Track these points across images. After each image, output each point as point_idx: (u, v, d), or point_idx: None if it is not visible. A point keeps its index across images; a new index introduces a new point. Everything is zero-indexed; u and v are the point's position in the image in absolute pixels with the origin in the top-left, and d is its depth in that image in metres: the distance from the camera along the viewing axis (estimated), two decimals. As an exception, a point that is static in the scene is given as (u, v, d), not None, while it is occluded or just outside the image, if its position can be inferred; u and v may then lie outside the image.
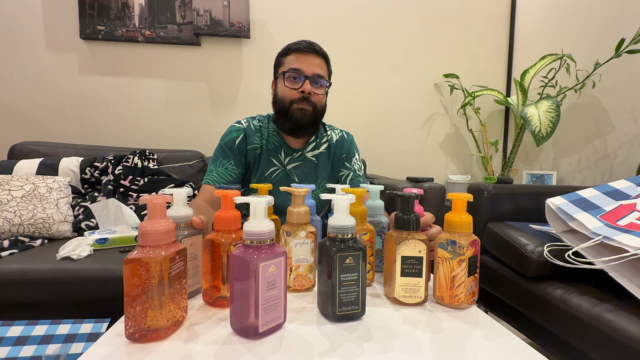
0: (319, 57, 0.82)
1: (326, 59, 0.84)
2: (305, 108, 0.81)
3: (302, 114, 0.81)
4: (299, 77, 0.80)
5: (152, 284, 0.37)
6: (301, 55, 0.80)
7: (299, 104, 0.80)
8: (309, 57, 0.80)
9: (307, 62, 0.80)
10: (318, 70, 0.81)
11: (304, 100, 0.80)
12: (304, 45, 0.80)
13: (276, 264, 0.39)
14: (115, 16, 1.56)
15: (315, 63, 0.81)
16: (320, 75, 0.81)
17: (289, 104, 0.81)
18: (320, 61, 0.82)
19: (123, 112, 1.64)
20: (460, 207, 0.48)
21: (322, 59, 0.83)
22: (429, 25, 1.78)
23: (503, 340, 0.40)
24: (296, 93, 0.80)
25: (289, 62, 0.81)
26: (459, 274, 0.47)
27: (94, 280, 0.85)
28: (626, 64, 1.33)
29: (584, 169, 1.51)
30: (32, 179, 1.12)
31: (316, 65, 0.81)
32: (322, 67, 0.83)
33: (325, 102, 0.86)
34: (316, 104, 0.82)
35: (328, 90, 0.86)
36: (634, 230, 0.69)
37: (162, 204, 0.39)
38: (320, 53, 0.82)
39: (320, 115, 0.85)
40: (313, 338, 0.39)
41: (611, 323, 0.63)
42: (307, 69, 0.80)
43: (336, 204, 0.44)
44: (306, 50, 0.80)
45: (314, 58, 0.81)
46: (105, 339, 0.38)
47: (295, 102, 0.80)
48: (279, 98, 0.83)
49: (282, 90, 0.82)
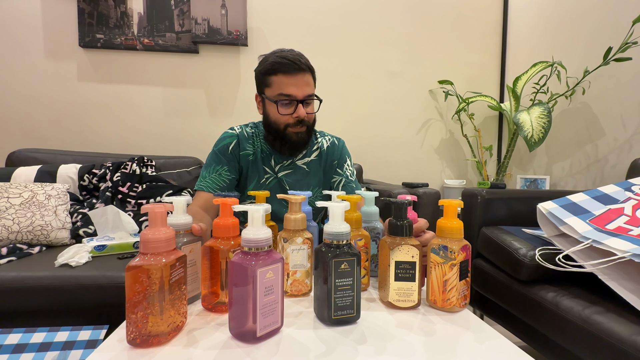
0: (306, 73, 0.79)
1: (311, 70, 0.81)
2: (300, 130, 0.81)
3: (299, 137, 0.81)
4: (292, 102, 0.78)
5: (153, 291, 0.38)
6: (289, 76, 0.77)
7: (294, 128, 0.80)
8: (297, 77, 0.77)
9: (296, 84, 0.77)
10: (308, 90, 0.79)
11: (299, 124, 0.80)
12: (290, 63, 0.76)
13: (273, 270, 0.40)
14: (114, 24, 1.58)
15: (304, 82, 0.78)
16: (311, 94, 0.80)
17: (284, 128, 0.80)
18: (307, 77, 0.79)
19: (122, 119, 1.65)
20: (451, 213, 0.50)
21: (309, 72, 0.80)
22: (424, 32, 1.82)
23: (493, 343, 0.42)
24: (290, 118, 0.79)
25: (278, 84, 0.78)
26: (451, 278, 0.48)
27: (93, 287, 0.85)
28: (614, 72, 1.36)
29: (576, 174, 1.54)
30: (30, 186, 1.13)
31: (305, 85, 0.78)
32: (310, 84, 0.80)
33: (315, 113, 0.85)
34: (310, 123, 0.83)
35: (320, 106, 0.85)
36: (621, 234, 0.71)
37: (162, 213, 0.40)
38: (305, 68, 0.79)
39: (313, 130, 0.86)
40: (309, 342, 0.40)
41: (600, 325, 0.64)
42: (298, 92, 0.77)
43: (331, 211, 0.46)
44: (293, 71, 0.77)
45: (302, 76, 0.78)
46: (107, 345, 0.39)
47: (290, 127, 0.80)
48: (272, 121, 0.82)
49: (275, 116, 0.80)
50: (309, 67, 0.80)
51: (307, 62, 0.80)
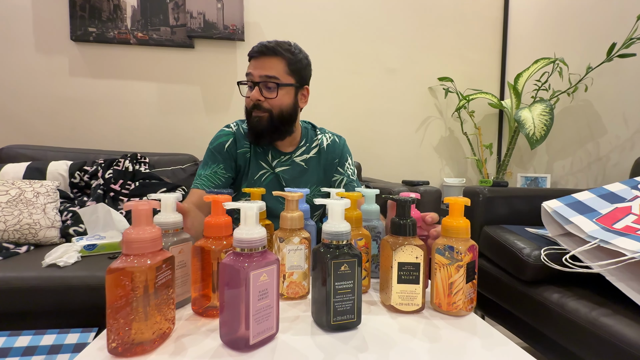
0: (271, 57, 0.75)
1: (285, 57, 0.76)
2: (259, 115, 0.77)
3: (257, 122, 0.78)
4: (251, 85, 0.77)
5: (137, 295, 0.35)
6: (254, 60, 0.76)
7: (254, 112, 0.78)
8: (258, 60, 0.75)
9: (255, 66, 0.76)
10: (267, 71, 0.75)
11: (256, 108, 0.77)
12: (257, 47, 0.75)
13: (268, 273, 0.37)
14: (107, 18, 1.54)
15: (264, 65, 0.75)
16: (270, 76, 0.75)
17: (248, 113, 0.79)
18: (271, 61, 0.75)
19: (114, 115, 1.61)
20: (457, 212, 0.47)
21: (275, 57, 0.75)
22: (424, 29, 1.79)
23: (502, 350, 0.39)
24: (250, 101, 0.78)
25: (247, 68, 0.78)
26: (457, 280, 0.46)
27: (82, 288, 0.82)
28: (617, 68, 1.34)
29: (577, 172, 1.52)
30: (18, 184, 1.09)
31: (265, 68, 0.75)
32: (272, 68, 0.75)
33: (289, 103, 0.79)
34: (272, 109, 0.77)
35: (296, 90, 0.80)
36: (630, 233, 0.69)
37: (147, 210, 0.37)
38: (273, 53, 0.75)
39: (282, 119, 0.79)
40: (307, 349, 0.38)
41: (609, 327, 0.62)
42: (255, 72, 0.75)
43: (331, 209, 0.43)
44: (256, 54, 0.75)
45: (265, 59, 0.75)
46: (87, 354, 0.36)
47: (252, 111, 0.78)
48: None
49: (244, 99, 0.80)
50: (277, 51, 0.75)
51: (277, 47, 0.75)
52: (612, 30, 1.35)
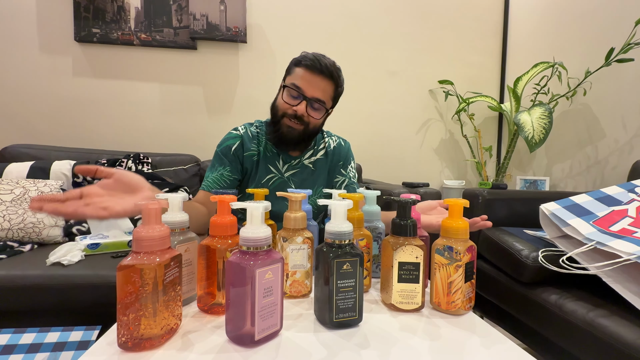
0: (327, 80, 0.78)
1: (336, 82, 0.80)
2: (294, 126, 0.79)
3: (289, 130, 0.79)
4: (299, 95, 0.78)
5: (146, 291, 0.36)
6: (309, 73, 0.77)
7: (289, 119, 0.79)
8: (316, 77, 0.77)
9: (311, 82, 0.77)
10: (319, 94, 0.78)
11: (295, 118, 0.78)
12: (316, 64, 0.76)
13: (273, 271, 0.39)
14: (111, 19, 1.55)
15: (319, 86, 0.77)
16: (320, 99, 0.78)
17: (281, 116, 0.80)
18: (326, 84, 0.78)
19: (117, 116, 1.62)
20: (456, 213, 0.48)
21: (331, 81, 0.79)
22: (424, 32, 1.81)
23: (501, 348, 0.40)
24: (290, 109, 0.78)
25: (296, 75, 0.78)
26: (456, 280, 0.47)
27: (85, 286, 0.83)
28: (616, 73, 1.36)
29: (576, 175, 1.54)
30: (22, 183, 1.10)
31: (319, 89, 0.77)
32: (325, 92, 0.79)
33: (321, 122, 0.84)
34: (309, 124, 0.80)
35: (328, 115, 0.84)
36: (626, 235, 0.70)
37: (157, 210, 0.39)
38: (329, 76, 0.78)
39: (312, 134, 0.83)
40: (310, 346, 0.39)
41: (605, 328, 0.63)
42: (308, 90, 0.77)
43: (333, 209, 0.44)
44: (315, 71, 0.76)
45: (321, 80, 0.77)
46: (97, 348, 0.37)
47: (286, 117, 0.79)
48: (274, 105, 0.82)
49: (280, 101, 0.80)
50: (334, 77, 0.79)
51: (334, 73, 0.78)
52: (611, 35, 1.37)
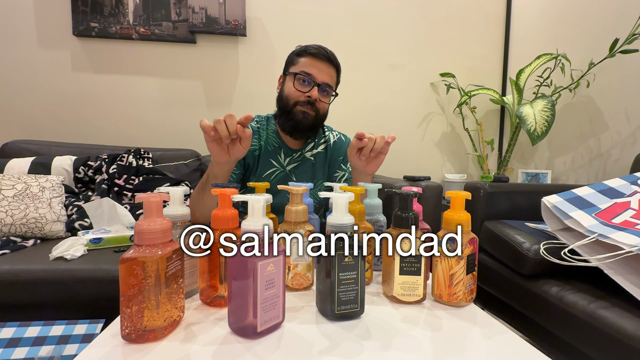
0: (332, 67, 0.84)
1: (338, 69, 0.86)
2: (308, 112, 0.82)
3: (304, 116, 0.82)
4: (309, 81, 0.81)
5: (149, 284, 0.36)
6: (316, 60, 0.81)
7: (302, 106, 0.82)
8: (323, 64, 0.82)
9: (320, 68, 0.81)
10: (328, 79, 0.83)
11: (308, 104, 0.82)
12: (322, 51, 0.82)
13: (275, 263, 0.39)
14: (109, 13, 1.54)
15: (327, 72, 0.82)
16: (329, 84, 0.83)
17: (293, 104, 0.82)
18: (332, 71, 0.84)
19: (117, 111, 1.62)
20: (458, 205, 0.48)
21: (334, 69, 0.85)
22: (425, 24, 1.78)
23: (502, 338, 0.40)
24: (302, 96, 0.81)
25: (302, 64, 0.82)
26: (458, 272, 0.47)
27: (88, 280, 0.84)
28: (620, 64, 1.34)
29: (578, 168, 1.53)
30: (24, 178, 1.10)
31: (327, 74, 0.83)
32: (332, 77, 0.84)
33: (328, 108, 0.88)
34: (319, 110, 0.84)
35: (333, 99, 0.88)
36: (628, 228, 0.70)
37: (158, 202, 0.39)
38: (334, 63, 0.84)
39: (321, 121, 0.87)
40: (312, 337, 0.39)
41: (606, 320, 0.63)
42: (319, 75, 0.81)
43: (335, 202, 0.44)
44: (322, 57, 0.82)
45: (328, 67, 0.82)
46: (101, 340, 0.37)
47: (299, 104, 0.82)
48: (284, 96, 0.84)
49: (290, 90, 0.83)
50: (337, 64, 0.85)
51: (336, 60, 0.85)
52: (615, 26, 1.35)
